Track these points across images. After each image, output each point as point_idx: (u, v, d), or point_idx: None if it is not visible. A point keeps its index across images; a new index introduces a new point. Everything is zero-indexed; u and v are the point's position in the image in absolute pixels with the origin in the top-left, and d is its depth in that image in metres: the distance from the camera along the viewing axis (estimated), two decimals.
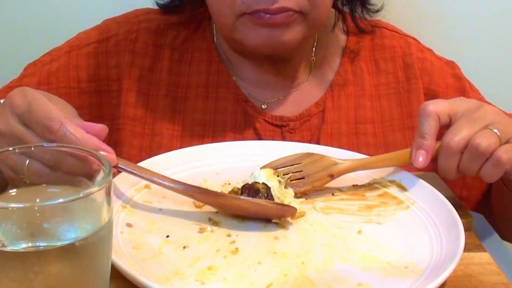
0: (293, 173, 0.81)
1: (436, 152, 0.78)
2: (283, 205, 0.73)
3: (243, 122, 1.00)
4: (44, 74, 1.01)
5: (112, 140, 1.01)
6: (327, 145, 0.92)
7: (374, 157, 0.84)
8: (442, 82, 1.05)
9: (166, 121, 1.00)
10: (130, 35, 1.02)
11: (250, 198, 0.73)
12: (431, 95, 1.04)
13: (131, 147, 1.00)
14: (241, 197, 0.74)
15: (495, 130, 0.75)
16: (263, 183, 0.75)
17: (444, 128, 0.79)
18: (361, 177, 0.84)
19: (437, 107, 0.78)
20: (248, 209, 0.73)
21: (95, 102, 1.02)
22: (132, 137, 1.00)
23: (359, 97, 1.03)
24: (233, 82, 1.02)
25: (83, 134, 0.69)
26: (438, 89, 1.04)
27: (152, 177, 0.75)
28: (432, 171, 0.80)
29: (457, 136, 0.75)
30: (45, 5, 1.25)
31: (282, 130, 1.00)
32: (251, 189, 0.74)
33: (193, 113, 1.00)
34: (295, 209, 0.73)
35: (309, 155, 0.82)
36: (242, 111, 1.00)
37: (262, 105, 1.02)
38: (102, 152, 0.68)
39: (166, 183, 0.75)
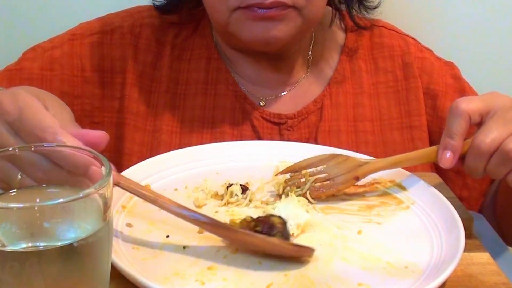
0: (318, 176, 0.80)
1: (463, 150, 0.75)
2: (299, 246, 0.67)
3: (241, 119, 1.00)
4: (46, 59, 1.00)
5: (115, 134, 1.01)
6: (325, 143, 0.92)
7: (399, 156, 0.81)
8: (441, 82, 1.05)
9: (166, 117, 1.00)
10: (134, 29, 1.03)
11: (264, 236, 0.66)
12: (430, 94, 1.04)
13: (133, 142, 1.00)
14: (255, 234, 0.66)
15: None
16: (279, 217, 0.68)
17: (473, 126, 0.76)
18: None
19: (469, 106, 0.74)
20: (262, 246, 0.66)
21: (98, 93, 1.02)
22: (134, 132, 1.00)
23: (358, 95, 1.03)
24: (232, 79, 1.02)
25: (73, 150, 0.61)
26: (438, 88, 1.04)
27: (156, 199, 0.68)
28: (458, 168, 0.78)
29: (489, 138, 0.72)
30: (43, 4, 1.25)
31: (280, 127, 1.00)
32: (266, 223, 0.67)
33: (192, 110, 1.01)
34: (312, 249, 0.67)
35: (334, 156, 0.80)
36: (240, 108, 1.01)
37: (260, 102, 1.02)
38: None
39: (172, 208, 0.68)
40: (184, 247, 0.68)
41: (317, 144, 0.94)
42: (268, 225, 0.67)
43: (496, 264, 0.69)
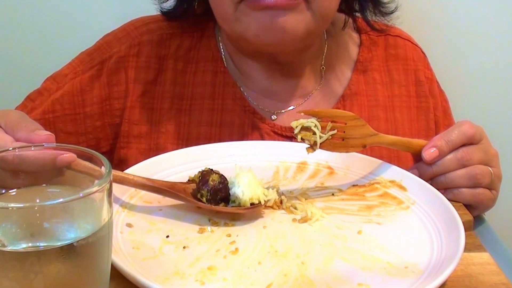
0: (335, 132, 0.79)
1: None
2: (226, 209, 0.74)
3: (250, 135, 0.98)
4: (49, 103, 0.99)
5: (117, 158, 0.99)
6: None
7: (400, 138, 0.86)
8: (440, 109, 1.05)
9: (170, 135, 0.98)
10: (132, 50, 1.00)
11: (209, 205, 0.74)
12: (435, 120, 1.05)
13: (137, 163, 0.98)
14: (198, 202, 0.75)
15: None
16: (220, 175, 0.76)
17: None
18: (361, 177, 0.85)
19: (476, 135, 0.82)
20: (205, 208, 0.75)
21: (99, 125, 1.00)
22: (138, 154, 0.98)
23: (373, 108, 1.01)
24: (240, 93, 0.99)
25: (35, 153, 0.62)
26: (438, 114, 1.05)
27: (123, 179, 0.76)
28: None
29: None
30: (41, 6, 1.25)
31: (293, 141, 0.97)
32: (203, 178, 0.75)
33: (198, 127, 0.98)
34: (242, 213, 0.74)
35: (355, 117, 0.81)
36: (249, 123, 0.98)
37: (272, 116, 0.99)
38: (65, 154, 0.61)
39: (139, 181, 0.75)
40: (184, 247, 0.69)
41: None
42: (203, 181, 0.75)
43: (496, 264, 0.69)
